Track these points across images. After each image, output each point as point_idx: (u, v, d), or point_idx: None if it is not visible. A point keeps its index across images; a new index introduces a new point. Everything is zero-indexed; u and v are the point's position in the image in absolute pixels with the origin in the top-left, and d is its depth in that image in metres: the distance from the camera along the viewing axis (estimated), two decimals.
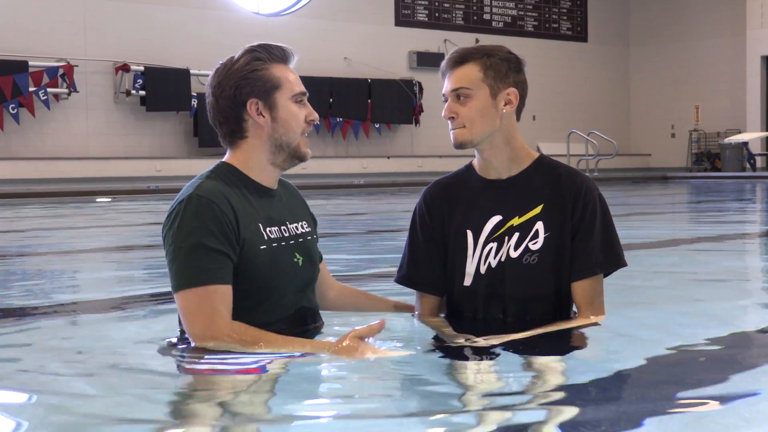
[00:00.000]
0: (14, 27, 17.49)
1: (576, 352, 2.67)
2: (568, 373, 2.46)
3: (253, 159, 2.76)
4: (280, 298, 2.73)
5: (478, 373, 2.46)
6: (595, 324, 2.84)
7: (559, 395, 2.24)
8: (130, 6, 18.63)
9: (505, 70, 2.86)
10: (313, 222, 2.97)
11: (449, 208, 2.94)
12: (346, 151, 21.19)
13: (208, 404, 2.23)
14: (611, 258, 2.85)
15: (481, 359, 2.58)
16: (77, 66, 17.79)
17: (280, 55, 2.78)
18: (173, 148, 19.08)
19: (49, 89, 17.44)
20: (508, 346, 2.65)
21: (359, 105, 21.00)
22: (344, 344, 2.54)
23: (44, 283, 4.98)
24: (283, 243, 2.76)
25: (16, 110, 17.10)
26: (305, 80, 2.90)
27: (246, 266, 2.65)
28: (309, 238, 2.89)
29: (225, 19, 19.63)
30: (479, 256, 2.87)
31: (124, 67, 18.21)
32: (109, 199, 15.15)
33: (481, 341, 2.69)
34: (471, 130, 2.84)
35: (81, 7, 18.16)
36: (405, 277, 3.02)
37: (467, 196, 2.92)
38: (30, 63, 17.33)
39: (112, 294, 4.44)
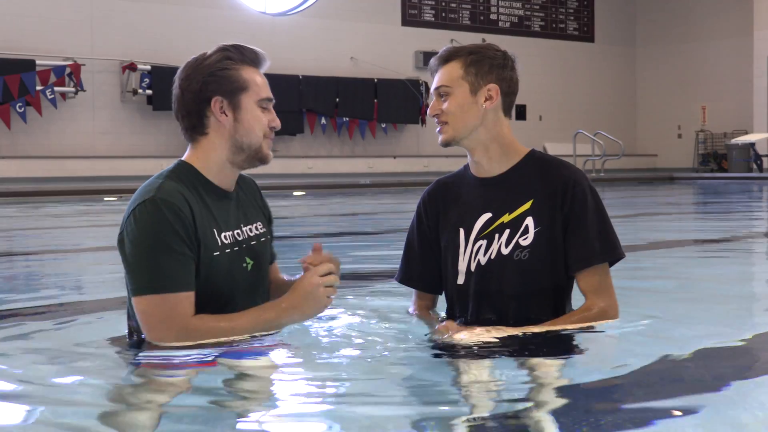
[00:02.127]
0: (21, 26, 17.52)
1: (579, 353, 2.66)
2: (570, 375, 2.46)
3: (211, 157, 2.75)
4: (225, 304, 2.71)
5: (475, 373, 2.46)
6: (595, 320, 2.82)
7: (560, 397, 2.24)
8: (137, 5, 18.65)
9: (488, 67, 2.84)
10: (267, 221, 2.95)
11: (444, 207, 2.96)
12: (352, 151, 21.18)
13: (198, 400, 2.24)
14: (607, 247, 2.82)
15: (480, 359, 2.58)
16: (84, 65, 17.81)
17: (252, 58, 2.77)
18: (179, 147, 19.00)
19: (56, 88, 17.47)
20: (507, 347, 2.65)
21: (365, 105, 20.98)
22: (294, 294, 2.66)
23: (50, 282, 4.99)
24: (236, 248, 2.74)
25: (23, 109, 17.13)
26: (311, 80, 2.93)
27: (198, 272, 2.64)
28: (262, 239, 2.87)
29: (232, 19, 19.64)
30: (470, 254, 2.88)
31: (131, 66, 18.23)
32: (115, 198, 15.16)
33: (466, 338, 2.70)
34: (453, 126, 2.85)
35: (88, 6, 18.18)
36: (400, 275, 3.07)
37: (462, 195, 2.94)
38: (37, 62, 17.35)
39: (117, 292, 4.45)
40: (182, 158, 2.79)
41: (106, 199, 15.08)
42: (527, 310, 2.85)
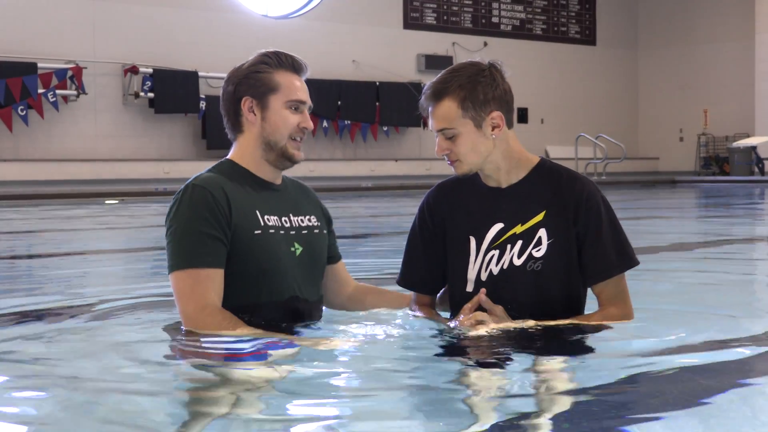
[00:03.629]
0: (23, 29, 17.53)
1: (583, 356, 2.66)
2: (571, 376, 2.46)
3: (248, 153, 2.95)
4: (270, 282, 2.85)
5: (481, 374, 2.46)
6: (597, 323, 2.84)
7: (563, 401, 2.24)
8: (139, 8, 18.66)
9: (482, 96, 2.81)
10: (326, 221, 3.12)
11: (450, 212, 2.96)
12: (354, 154, 21.19)
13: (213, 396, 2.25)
14: (624, 258, 2.87)
15: (486, 359, 2.58)
16: (86, 68, 17.82)
17: (288, 63, 2.95)
18: (181, 151, 19.10)
19: (57, 91, 17.47)
20: (514, 347, 2.66)
21: (367, 108, 20.99)
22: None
23: (52, 285, 4.99)
24: (282, 231, 2.90)
25: (24, 112, 17.13)
26: (313, 83, 2.98)
27: (239, 249, 2.82)
28: (316, 231, 3.02)
29: (233, 22, 19.65)
30: (481, 263, 2.88)
31: (133, 69, 18.24)
32: (116, 201, 15.17)
33: (474, 330, 2.73)
34: (467, 162, 2.86)
35: (90, 9, 18.19)
36: (402, 278, 3.09)
37: (470, 202, 2.94)
38: (39, 65, 17.36)
39: (120, 295, 4.45)
40: (227, 157, 2.99)
41: (107, 202, 15.09)
42: (539, 320, 2.85)
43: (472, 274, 2.90)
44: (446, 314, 3.06)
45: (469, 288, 2.90)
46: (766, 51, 23.08)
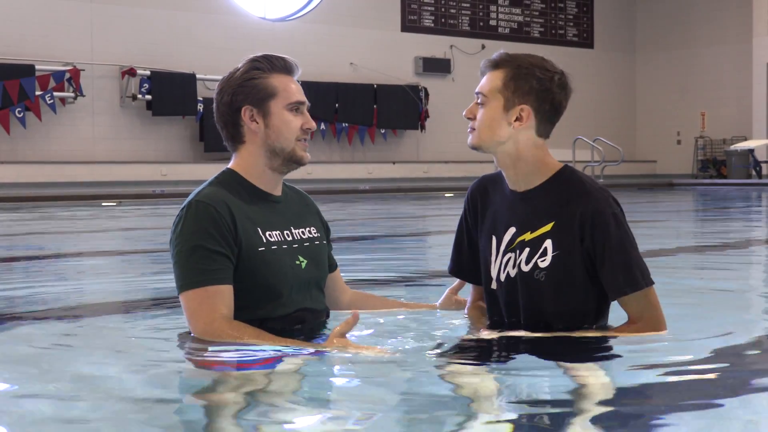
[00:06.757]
0: (21, 31, 17.52)
1: (580, 359, 2.66)
2: (573, 379, 2.46)
3: (251, 163, 2.91)
4: (278, 297, 2.85)
5: (483, 378, 2.47)
6: (624, 335, 2.82)
7: (564, 402, 2.24)
8: (137, 10, 18.66)
9: (528, 87, 2.77)
10: (324, 230, 3.11)
11: (482, 207, 2.97)
12: (351, 157, 21.18)
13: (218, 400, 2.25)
14: (630, 279, 2.75)
15: (490, 362, 2.59)
16: (84, 70, 17.82)
17: (281, 66, 2.90)
18: (179, 153, 19.09)
19: (55, 93, 17.46)
20: (516, 350, 2.67)
21: (365, 110, 20.99)
22: (330, 347, 2.68)
23: (49, 287, 4.99)
24: (284, 246, 2.89)
25: (22, 114, 17.13)
26: (311, 85, 2.99)
27: (244, 267, 2.80)
28: (317, 243, 3.02)
29: (231, 24, 19.65)
30: (500, 264, 2.89)
31: (131, 72, 18.24)
32: (114, 204, 15.17)
33: (488, 335, 2.78)
34: (478, 135, 2.83)
35: (88, 11, 18.19)
36: (450, 267, 3.11)
37: (497, 201, 2.93)
38: (37, 67, 17.35)
39: (117, 297, 4.45)
40: (228, 166, 2.95)
41: (104, 204, 15.08)
42: (548, 328, 2.83)
43: (494, 273, 2.91)
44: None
45: (494, 286, 2.92)
46: (763, 54, 23.11)
